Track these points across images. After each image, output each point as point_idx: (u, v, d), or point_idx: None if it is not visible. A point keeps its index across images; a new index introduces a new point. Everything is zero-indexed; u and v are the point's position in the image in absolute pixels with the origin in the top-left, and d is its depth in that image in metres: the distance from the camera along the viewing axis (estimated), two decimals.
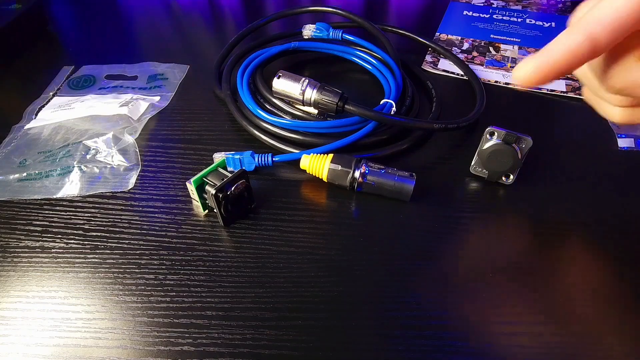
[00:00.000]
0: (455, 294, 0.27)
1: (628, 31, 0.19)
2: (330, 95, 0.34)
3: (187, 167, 0.35)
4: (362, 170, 0.31)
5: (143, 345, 0.25)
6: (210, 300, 0.27)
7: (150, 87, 0.44)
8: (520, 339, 0.25)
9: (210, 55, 0.48)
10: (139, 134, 0.38)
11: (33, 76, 0.46)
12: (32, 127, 0.39)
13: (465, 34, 0.51)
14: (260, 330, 0.25)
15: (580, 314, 0.26)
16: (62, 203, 0.33)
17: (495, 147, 0.31)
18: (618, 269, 0.28)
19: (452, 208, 0.32)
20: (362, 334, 0.25)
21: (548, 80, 0.20)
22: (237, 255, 0.29)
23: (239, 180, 0.29)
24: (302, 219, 0.31)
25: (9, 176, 0.35)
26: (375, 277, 0.28)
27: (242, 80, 0.39)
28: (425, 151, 0.37)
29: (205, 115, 0.40)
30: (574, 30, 0.19)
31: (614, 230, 0.30)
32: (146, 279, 0.28)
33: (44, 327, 0.26)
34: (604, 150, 0.37)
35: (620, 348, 0.24)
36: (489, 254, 0.29)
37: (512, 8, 0.57)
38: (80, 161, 0.35)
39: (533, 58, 0.20)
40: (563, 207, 0.32)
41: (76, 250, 0.30)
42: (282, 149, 0.35)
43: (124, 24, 0.55)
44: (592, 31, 0.19)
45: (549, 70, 0.20)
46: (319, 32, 0.44)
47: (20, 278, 0.28)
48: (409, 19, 0.56)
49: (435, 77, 0.45)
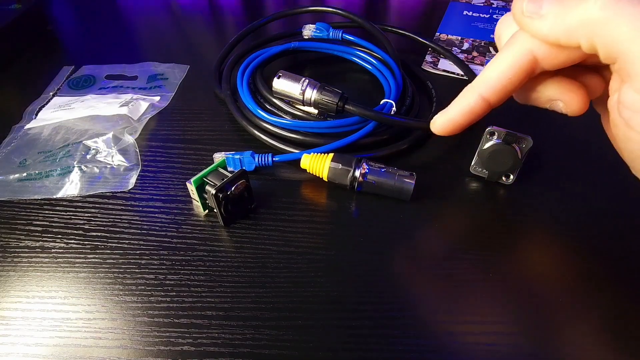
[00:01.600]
0: (455, 294, 0.27)
1: (514, 89, 0.22)
2: (330, 95, 0.34)
3: (187, 167, 0.35)
4: (362, 170, 0.31)
5: (143, 345, 0.25)
6: (210, 300, 0.27)
7: (150, 87, 0.44)
8: (520, 339, 0.25)
9: (210, 55, 0.48)
10: (139, 134, 0.38)
11: (33, 76, 0.46)
12: (32, 127, 0.39)
13: (465, 34, 0.51)
14: (260, 330, 0.25)
15: (580, 313, 0.26)
16: (62, 203, 0.33)
17: (495, 147, 0.31)
18: (618, 269, 0.28)
19: (452, 208, 0.32)
20: (362, 334, 0.25)
21: (456, 132, 0.24)
22: (237, 255, 0.29)
23: (239, 180, 0.29)
24: (302, 219, 0.31)
25: (9, 176, 0.35)
26: (375, 277, 0.28)
27: (242, 80, 0.39)
28: (425, 151, 0.37)
29: (205, 115, 0.40)
30: (468, 91, 0.23)
31: (614, 230, 0.30)
32: (146, 279, 0.28)
33: (44, 327, 0.26)
34: (604, 150, 0.36)
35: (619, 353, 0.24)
36: (489, 254, 0.29)
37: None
38: (80, 161, 0.35)
39: (439, 116, 0.25)
40: (563, 207, 0.32)
41: (76, 250, 0.30)
42: (282, 149, 0.35)
43: (124, 24, 0.55)
44: (482, 92, 0.22)
45: (452, 126, 0.24)
46: (319, 32, 0.44)
47: (20, 278, 0.28)
48: (409, 19, 0.56)
49: (435, 77, 0.45)
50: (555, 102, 0.22)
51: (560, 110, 0.22)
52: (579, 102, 0.21)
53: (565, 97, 0.22)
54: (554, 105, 0.22)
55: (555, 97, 0.22)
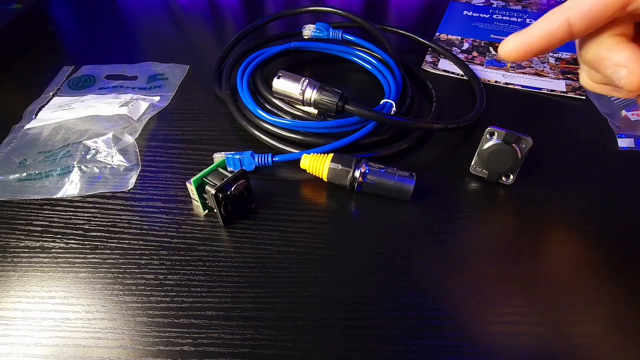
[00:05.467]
0: (455, 294, 0.27)
1: (602, 21, 0.20)
2: (330, 95, 0.34)
3: (187, 167, 0.35)
4: (362, 170, 0.31)
5: (143, 345, 0.25)
6: (210, 300, 0.27)
7: (150, 87, 0.44)
8: (520, 339, 0.25)
9: (210, 55, 0.48)
10: (139, 134, 0.38)
11: (33, 76, 0.46)
12: (32, 127, 0.39)
13: (465, 34, 0.51)
14: (260, 330, 0.25)
15: (579, 313, 0.26)
16: (62, 203, 0.33)
17: (495, 147, 0.31)
18: (618, 270, 0.28)
19: (452, 208, 0.32)
20: (362, 334, 0.25)
21: (528, 57, 0.22)
22: (237, 255, 0.29)
23: (239, 180, 0.29)
24: (302, 219, 0.31)
25: (9, 176, 0.35)
26: (375, 277, 0.28)
27: (242, 80, 0.39)
28: (425, 151, 0.37)
29: (205, 115, 0.40)
30: (554, 14, 0.21)
31: (614, 230, 0.30)
32: (146, 279, 0.28)
33: (44, 327, 0.26)
34: (604, 150, 0.37)
35: (621, 348, 0.24)
36: (489, 254, 0.29)
37: (512, 8, 0.57)
38: (80, 161, 0.35)
39: (515, 37, 0.22)
40: (563, 207, 0.32)
41: (76, 250, 0.30)
42: (282, 149, 0.35)
43: (124, 24, 0.55)
44: (570, 17, 0.21)
45: (528, 49, 0.22)
46: (319, 32, 0.44)
47: (20, 278, 0.28)
48: (409, 19, 0.56)
49: (435, 77, 0.45)
50: (620, 69, 0.21)
51: (620, 79, 0.21)
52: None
53: (633, 65, 0.20)
54: (617, 72, 0.21)
55: (623, 62, 0.21)
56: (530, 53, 0.22)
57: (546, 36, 0.22)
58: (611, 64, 0.21)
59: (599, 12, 0.20)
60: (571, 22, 0.21)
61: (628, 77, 0.21)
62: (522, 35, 0.22)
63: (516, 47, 0.22)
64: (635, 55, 0.21)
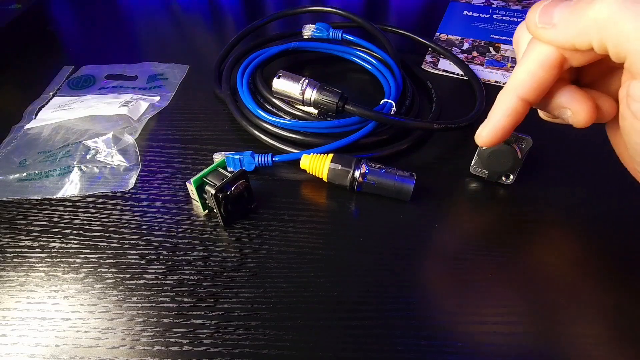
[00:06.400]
0: (455, 294, 0.27)
1: (550, 84, 0.22)
2: (330, 95, 0.34)
3: (187, 167, 0.35)
4: (362, 170, 0.31)
5: (143, 345, 0.25)
6: (210, 300, 0.27)
7: (150, 87, 0.44)
8: (520, 339, 0.25)
9: (210, 55, 0.48)
10: (139, 134, 0.38)
11: (33, 76, 0.46)
12: (32, 127, 0.39)
13: (465, 34, 0.51)
14: (260, 330, 0.25)
15: (579, 313, 0.26)
16: (62, 203, 0.33)
17: (495, 147, 0.31)
18: (619, 269, 0.28)
19: (452, 208, 0.32)
20: (362, 334, 0.25)
21: (504, 138, 0.24)
22: (237, 255, 0.29)
23: (239, 180, 0.29)
24: (302, 219, 0.31)
25: (9, 176, 0.35)
26: (375, 277, 0.28)
27: (242, 80, 0.39)
28: (425, 151, 0.37)
29: (205, 115, 0.40)
30: (505, 94, 0.23)
31: (614, 230, 0.30)
32: (146, 279, 0.28)
33: (44, 327, 0.26)
34: (603, 150, 0.36)
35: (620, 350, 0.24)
36: (489, 254, 0.29)
37: (512, 8, 0.57)
38: (80, 161, 0.35)
39: (483, 127, 0.25)
40: (563, 207, 0.32)
41: (76, 250, 0.30)
42: (282, 149, 0.35)
43: (124, 24, 0.55)
44: (519, 93, 0.22)
45: (501, 131, 0.24)
46: (319, 32, 0.44)
47: (20, 278, 0.28)
48: (409, 19, 0.56)
49: (435, 77, 0.45)
50: (564, 110, 0.23)
51: (567, 119, 0.23)
52: (586, 114, 0.22)
53: (574, 106, 0.22)
54: (562, 112, 0.23)
55: (565, 104, 0.22)
56: (503, 134, 0.24)
57: (509, 116, 0.23)
58: (556, 106, 0.23)
59: (541, 80, 0.22)
60: (523, 97, 0.22)
61: (574, 117, 0.22)
62: (489, 123, 0.24)
63: (489, 135, 0.24)
64: (575, 97, 0.22)
